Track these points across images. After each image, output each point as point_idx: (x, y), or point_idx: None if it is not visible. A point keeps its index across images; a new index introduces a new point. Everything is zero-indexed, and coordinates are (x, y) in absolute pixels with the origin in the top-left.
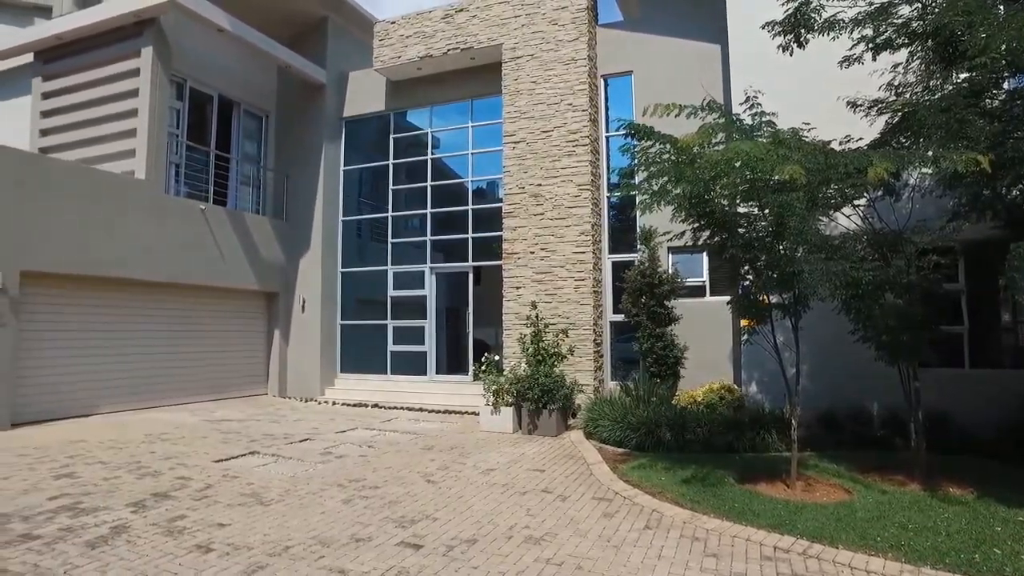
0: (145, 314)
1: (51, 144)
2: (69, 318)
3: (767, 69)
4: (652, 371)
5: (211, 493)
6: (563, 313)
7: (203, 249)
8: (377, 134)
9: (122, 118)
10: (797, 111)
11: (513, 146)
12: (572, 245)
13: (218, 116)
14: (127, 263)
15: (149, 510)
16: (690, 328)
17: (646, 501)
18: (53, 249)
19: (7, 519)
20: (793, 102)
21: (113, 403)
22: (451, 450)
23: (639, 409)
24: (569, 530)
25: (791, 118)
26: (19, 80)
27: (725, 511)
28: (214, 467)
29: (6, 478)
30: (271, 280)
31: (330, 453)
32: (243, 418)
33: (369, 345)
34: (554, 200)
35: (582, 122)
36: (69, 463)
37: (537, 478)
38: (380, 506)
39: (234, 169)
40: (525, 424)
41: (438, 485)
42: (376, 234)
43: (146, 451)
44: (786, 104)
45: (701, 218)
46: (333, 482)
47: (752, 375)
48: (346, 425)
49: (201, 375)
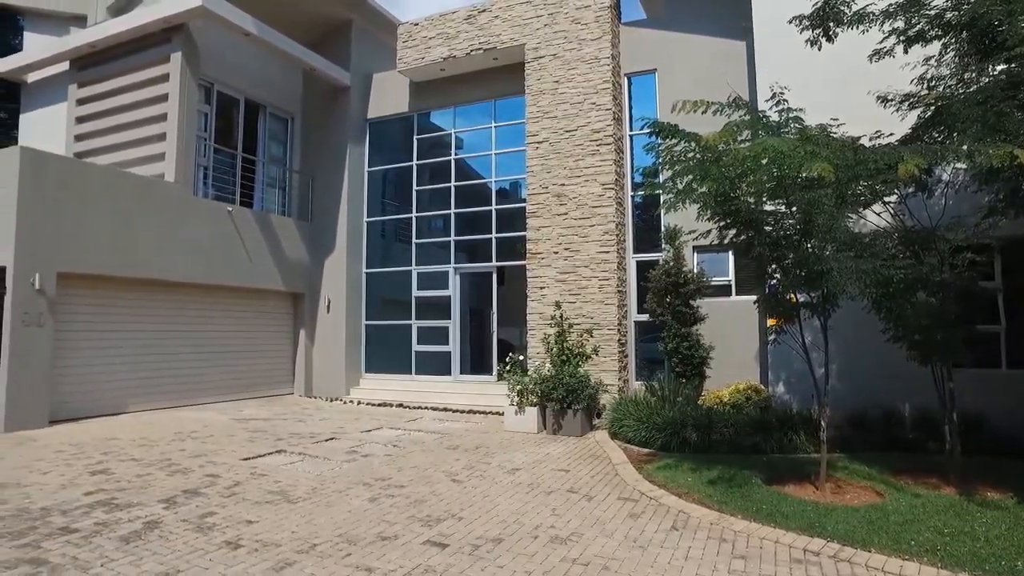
0: (174, 314)
1: (85, 149)
2: (102, 318)
3: (793, 65)
4: (677, 371)
5: (239, 490)
6: (587, 313)
7: (231, 250)
8: (401, 135)
9: (152, 122)
10: (824, 107)
11: (536, 146)
12: (596, 245)
13: (244, 119)
14: (157, 264)
15: (180, 506)
16: (716, 328)
17: (672, 502)
18: (87, 251)
19: (47, 512)
20: (820, 98)
21: (143, 402)
22: (476, 450)
23: (665, 409)
24: (595, 530)
25: (818, 115)
26: (56, 88)
27: (753, 512)
28: (242, 465)
29: (45, 473)
30: (297, 281)
31: (356, 452)
32: (270, 417)
33: (394, 345)
34: (578, 200)
35: (606, 121)
36: (103, 460)
37: (562, 478)
38: (406, 505)
39: (260, 171)
40: (550, 424)
41: (463, 484)
42: (400, 235)
43: (176, 449)
44: (813, 100)
45: (727, 216)
46: (359, 481)
47: (779, 375)
48: (371, 424)
49: (228, 374)
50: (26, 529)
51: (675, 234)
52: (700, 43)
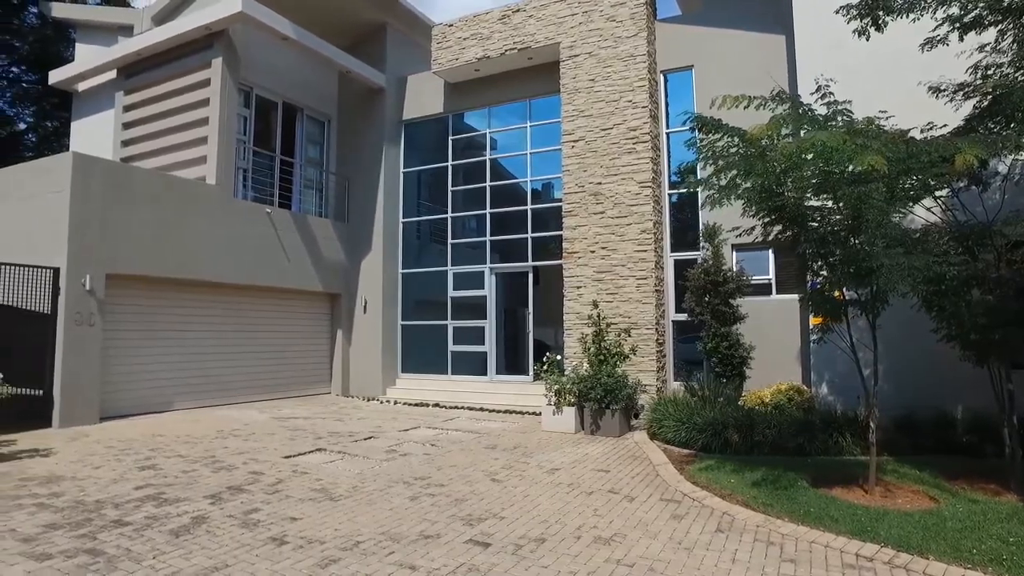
0: (215, 315)
1: (131, 153)
2: (146, 319)
3: (835, 57)
4: (717, 371)
5: (282, 488)
6: (624, 312)
7: (270, 251)
8: (436, 136)
9: (194, 126)
10: (869, 100)
11: (572, 145)
12: (633, 244)
13: (282, 122)
14: (199, 265)
15: (226, 502)
16: (756, 327)
17: (716, 503)
18: (133, 253)
19: (101, 505)
20: (865, 90)
21: (186, 400)
22: (514, 449)
23: (705, 410)
24: (638, 531)
25: (863, 107)
26: (104, 96)
27: (800, 515)
28: (284, 463)
29: (98, 467)
30: (334, 281)
31: (395, 451)
32: (308, 416)
33: (429, 345)
34: (614, 198)
35: (642, 119)
36: (151, 456)
37: (602, 478)
38: (446, 504)
39: (298, 173)
40: (587, 424)
41: (503, 484)
42: (436, 235)
43: (219, 446)
44: (857, 93)
45: (772, 212)
46: (399, 479)
47: (822, 375)
48: (409, 424)
49: (267, 374)
50: (83, 520)
51: (714, 232)
52: (738, 38)
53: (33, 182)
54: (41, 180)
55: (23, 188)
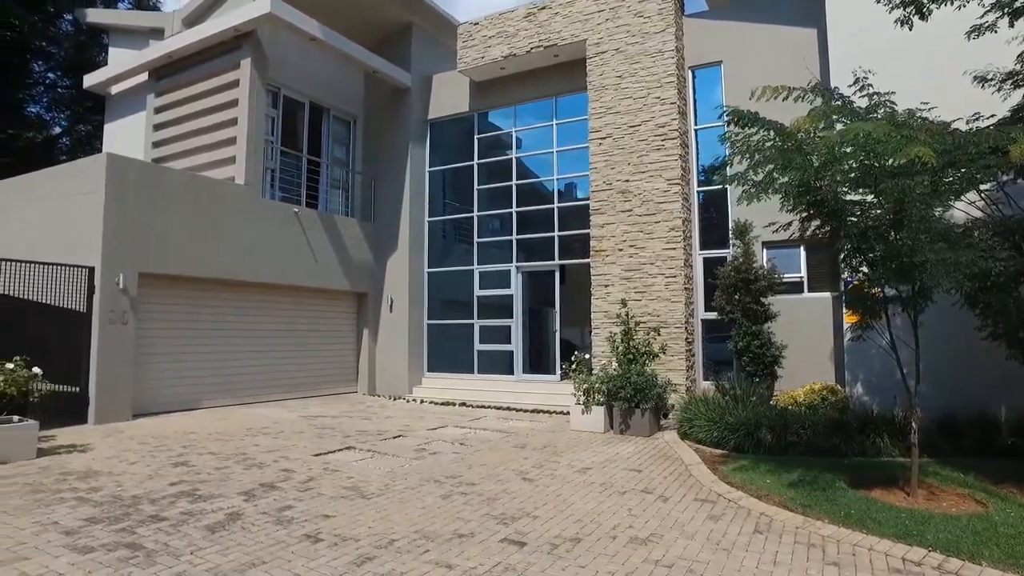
0: (243, 314)
1: (162, 155)
2: (177, 317)
3: (870, 49)
4: (748, 370)
5: (314, 485)
6: (653, 311)
7: (297, 251)
8: (461, 135)
9: (224, 127)
10: (908, 91)
11: (599, 142)
12: (662, 242)
13: (309, 122)
14: (228, 265)
15: (259, 499)
16: (787, 326)
17: (752, 504)
18: (165, 252)
19: (138, 500)
20: (903, 82)
21: (214, 398)
22: (544, 448)
23: (737, 409)
24: (675, 531)
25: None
26: (136, 98)
27: (841, 517)
28: (314, 461)
29: (133, 463)
30: (360, 280)
31: (424, 450)
32: (336, 415)
33: (456, 344)
34: (643, 196)
35: (671, 115)
36: (184, 452)
37: (635, 478)
38: (479, 503)
39: (324, 173)
40: (617, 424)
41: (535, 483)
42: (461, 234)
43: (250, 444)
44: (894, 85)
45: (810, 207)
46: (430, 478)
47: (857, 375)
48: (436, 423)
49: (295, 373)
50: (121, 515)
51: (745, 229)
52: (768, 32)
53: (69, 183)
54: (76, 181)
55: (59, 189)
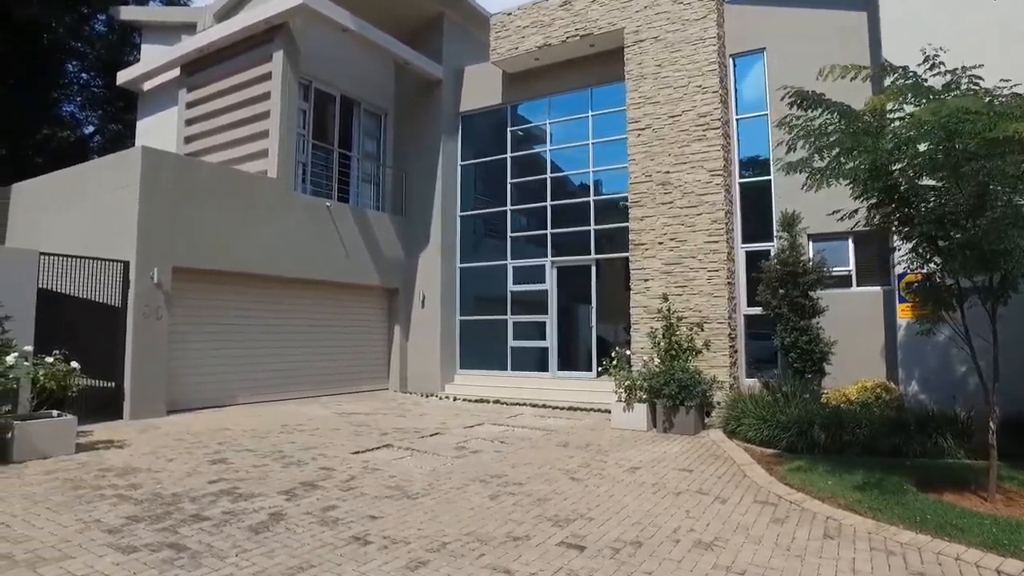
0: (275, 309)
1: (194, 150)
2: (209, 312)
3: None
4: (796, 367)
5: (356, 484)
6: (695, 306)
7: (329, 245)
8: (494, 128)
9: (255, 120)
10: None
11: (638, 133)
12: (704, 234)
13: (340, 115)
14: (261, 259)
15: (301, 499)
16: (834, 321)
17: (816, 507)
18: (198, 246)
19: (178, 499)
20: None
21: (247, 394)
22: (587, 447)
23: (789, 407)
24: (740, 535)
25: None
26: (168, 94)
27: (917, 523)
28: (353, 459)
29: (171, 460)
30: (392, 276)
31: (464, 448)
32: (370, 412)
33: (488, 341)
34: (683, 188)
35: (712, 104)
36: (220, 449)
37: (687, 478)
38: (529, 504)
39: (355, 167)
40: (660, 422)
41: (584, 483)
42: (494, 229)
43: (286, 441)
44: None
45: (880, 193)
46: (474, 477)
47: (912, 372)
48: (472, 420)
49: (326, 369)
50: (162, 514)
51: (793, 221)
52: (813, 17)
53: (104, 177)
54: (111, 175)
55: (94, 184)
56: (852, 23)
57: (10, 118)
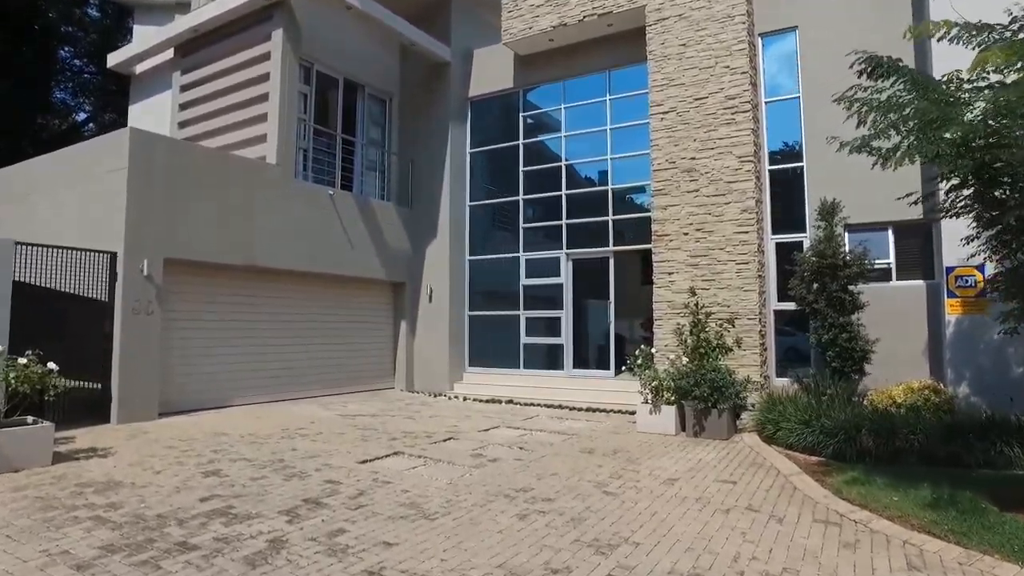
0: (275, 304)
1: (189, 135)
2: (205, 307)
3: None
4: (834, 366)
5: (366, 501)
6: (723, 300)
7: (331, 237)
8: (505, 114)
9: (254, 103)
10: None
11: (661, 117)
12: (733, 224)
13: (343, 100)
14: (260, 251)
15: (304, 520)
16: (872, 317)
17: (886, 528)
18: (193, 237)
19: (164, 521)
20: None
21: (247, 395)
22: (615, 454)
23: (834, 410)
24: (810, 566)
25: None
26: (161, 77)
27: (1017, 553)
28: (361, 469)
29: (158, 472)
30: (397, 269)
31: (481, 455)
32: (376, 413)
33: (500, 337)
34: (710, 175)
35: (742, 86)
36: (214, 458)
37: (732, 492)
38: (563, 524)
39: (359, 154)
40: (690, 425)
41: (618, 497)
42: (505, 220)
43: (287, 448)
44: None
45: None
46: (497, 491)
47: (962, 373)
48: (486, 423)
49: (329, 368)
50: (144, 541)
51: (833, 209)
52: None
53: (91, 161)
54: (99, 159)
55: (81, 168)
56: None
57: (10, 117)
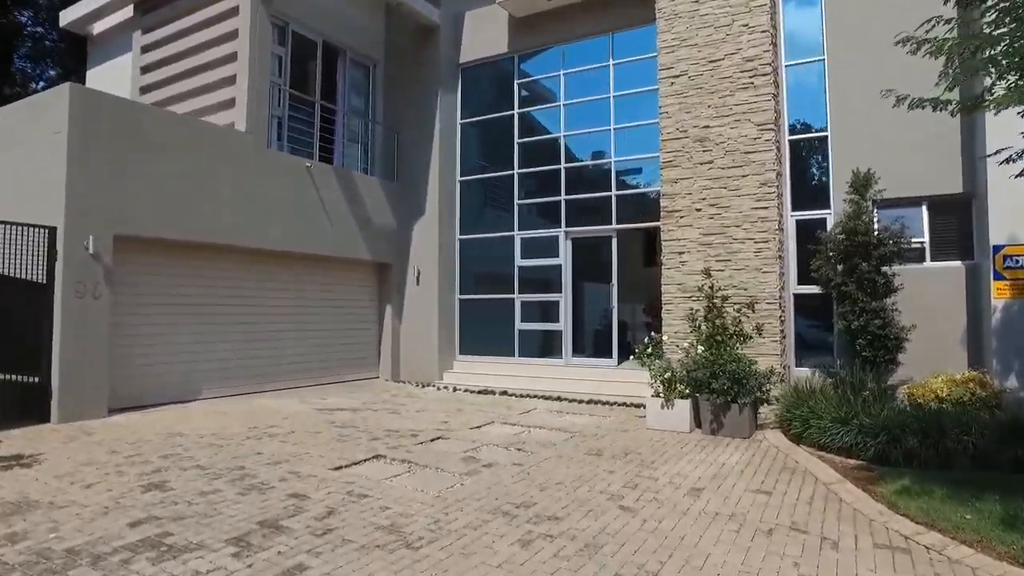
0: (246, 287)
1: (152, 101)
2: (165, 290)
3: None
4: (865, 355)
5: (336, 523)
6: (740, 283)
7: (310, 213)
8: (498, 81)
9: (221, 63)
10: None
11: (671, 81)
12: (751, 199)
13: (322, 65)
14: (227, 227)
15: (256, 553)
16: (903, 302)
17: (968, 558)
18: (150, 210)
19: (74, 559)
20: None
21: (215, 386)
22: (625, 456)
23: (874, 407)
24: None
25: None
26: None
27: None
28: (334, 478)
29: (89, 486)
30: (382, 249)
31: (474, 459)
32: (357, 407)
33: (493, 323)
34: (726, 144)
35: (762, 46)
36: (162, 466)
37: (769, 506)
38: (575, 553)
39: (340, 123)
40: (707, 421)
41: (637, 514)
42: (498, 196)
43: (251, 451)
44: None
45: None
46: (494, 507)
47: (1010, 364)
48: (479, 418)
49: (307, 356)
50: None
51: (867, 181)
52: None
53: (26, 123)
54: (35, 120)
55: (14, 131)
56: None
57: None
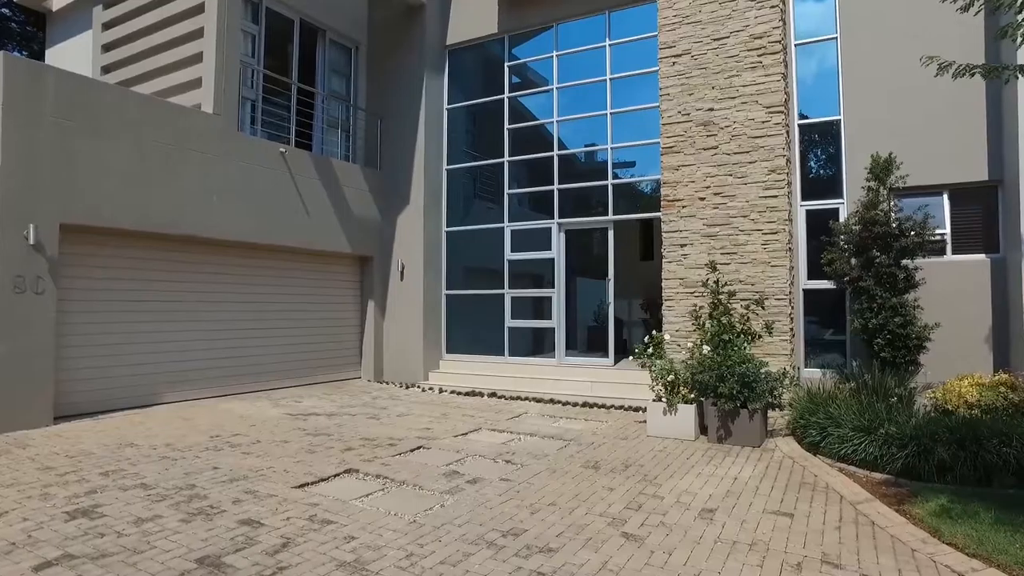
0: (215, 282)
1: (114, 82)
2: (122, 285)
3: None
4: (884, 356)
5: (290, 559)
6: (747, 278)
7: (285, 202)
8: (488, 64)
9: (188, 40)
10: None
11: (673, 61)
12: (759, 187)
13: (300, 46)
14: (192, 217)
15: None
16: (922, 298)
17: None
18: (101, 197)
19: None
20: None
21: (180, 390)
22: (625, 469)
23: (902, 414)
24: None
25: None
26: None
27: None
28: (296, 499)
29: (3, 513)
30: (364, 241)
31: (457, 474)
32: (334, 411)
33: (481, 320)
34: (731, 129)
35: (771, 23)
36: (100, 486)
37: (792, 531)
38: None
39: (319, 107)
40: (714, 428)
41: (644, 544)
42: (487, 185)
43: (207, 465)
44: None
45: None
46: (478, 535)
47: None
48: (465, 424)
49: (282, 356)
50: None
51: (888, 167)
52: None
53: None
54: None
55: None
56: None
57: None
